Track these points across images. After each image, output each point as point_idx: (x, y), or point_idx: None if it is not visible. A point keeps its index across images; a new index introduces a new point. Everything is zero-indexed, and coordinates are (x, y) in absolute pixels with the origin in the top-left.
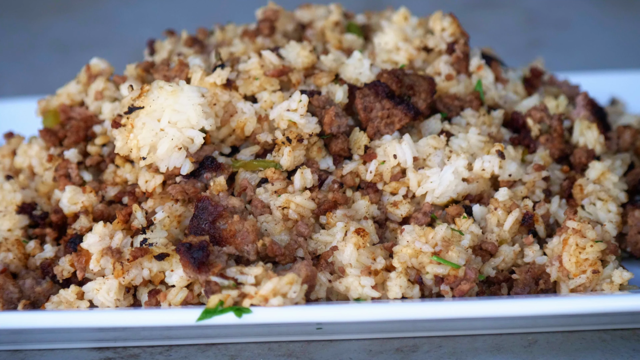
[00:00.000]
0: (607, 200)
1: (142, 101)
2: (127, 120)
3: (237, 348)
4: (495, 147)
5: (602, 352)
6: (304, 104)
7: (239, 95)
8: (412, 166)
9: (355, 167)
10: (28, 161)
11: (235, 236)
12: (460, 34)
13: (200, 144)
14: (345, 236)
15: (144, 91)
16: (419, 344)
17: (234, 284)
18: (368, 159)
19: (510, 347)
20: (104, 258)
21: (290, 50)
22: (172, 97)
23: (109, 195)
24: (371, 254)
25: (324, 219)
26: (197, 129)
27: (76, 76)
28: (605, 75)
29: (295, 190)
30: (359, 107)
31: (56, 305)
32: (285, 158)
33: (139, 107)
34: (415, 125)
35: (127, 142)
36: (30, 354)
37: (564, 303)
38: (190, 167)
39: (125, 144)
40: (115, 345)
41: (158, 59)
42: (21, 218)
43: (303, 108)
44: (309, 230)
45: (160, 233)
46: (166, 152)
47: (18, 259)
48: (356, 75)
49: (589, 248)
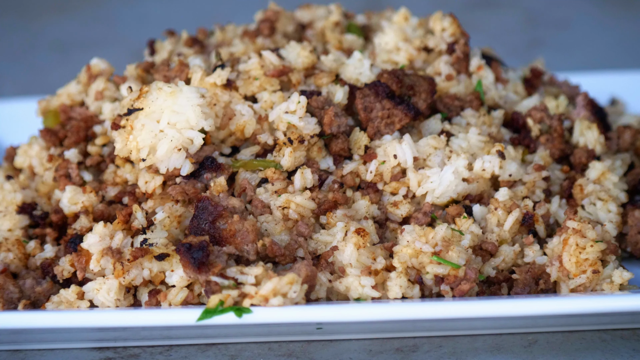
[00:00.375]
0: (607, 200)
1: (141, 102)
2: (126, 122)
3: (237, 348)
4: (496, 147)
5: (602, 352)
6: (302, 105)
7: (239, 95)
8: (412, 166)
9: (356, 167)
10: (28, 161)
11: (235, 236)
12: (461, 34)
13: (199, 144)
14: (345, 236)
15: (143, 92)
16: (419, 344)
17: (234, 284)
18: (368, 159)
19: (510, 347)
20: (104, 258)
21: (291, 50)
22: (171, 98)
23: (109, 195)
24: (371, 254)
25: (324, 219)
26: (196, 130)
27: (76, 76)
28: (605, 75)
29: (296, 190)
30: (359, 107)
31: (56, 305)
32: (286, 159)
33: (138, 109)
34: (415, 126)
35: (127, 143)
36: (30, 354)
37: (564, 303)
38: (190, 168)
39: (124, 146)
40: (115, 345)
41: (158, 59)
42: (21, 218)
43: (302, 109)
44: (309, 230)
45: (160, 233)
46: (166, 154)
47: (18, 259)
48: (356, 76)
49: (589, 248)
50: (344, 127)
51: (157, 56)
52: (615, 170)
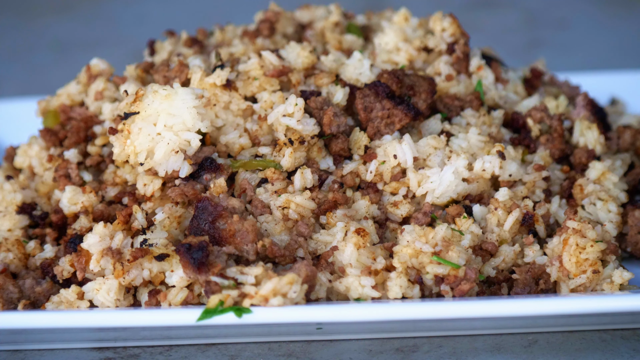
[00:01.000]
0: (607, 200)
1: (137, 106)
2: (123, 126)
3: (237, 348)
4: (496, 147)
5: (602, 352)
6: (300, 107)
7: (239, 95)
8: (413, 166)
9: (356, 167)
10: (28, 161)
11: (235, 236)
12: (460, 34)
13: (197, 146)
14: (345, 236)
15: (138, 96)
16: (419, 344)
17: (234, 284)
18: (368, 159)
19: (510, 347)
20: (104, 258)
21: (290, 51)
22: (167, 101)
23: (109, 195)
24: (371, 254)
25: (324, 219)
26: (193, 132)
27: (76, 76)
28: (605, 75)
29: (296, 190)
30: (359, 107)
31: (56, 305)
32: (287, 159)
33: (134, 113)
34: (415, 126)
35: (125, 148)
36: (30, 354)
37: (564, 303)
38: (189, 170)
39: (122, 150)
40: (115, 345)
41: (158, 60)
42: (21, 218)
43: (300, 112)
44: (309, 230)
45: (160, 234)
46: (163, 156)
47: (18, 259)
48: (356, 76)
49: (589, 248)
50: (343, 127)
51: (157, 56)
52: (615, 170)
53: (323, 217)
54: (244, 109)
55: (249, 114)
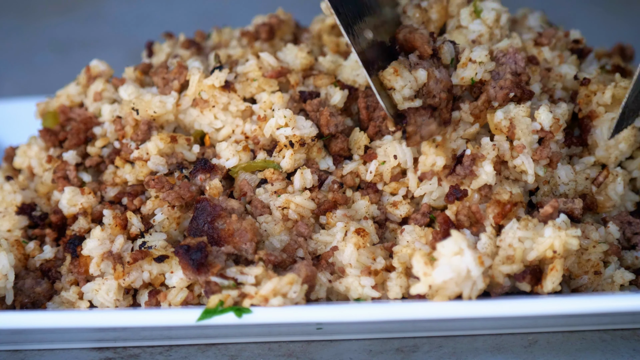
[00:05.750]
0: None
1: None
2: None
3: (237, 348)
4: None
5: (602, 352)
6: (289, 117)
7: (238, 96)
8: (412, 167)
9: (355, 167)
10: (27, 162)
11: (234, 235)
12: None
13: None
14: (345, 236)
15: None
16: (419, 344)
17: (234, 284)
18: (368, 159)
19: (510, 347)
20: (105, 262)
21: (288, 52)
22: None
23: (108, 196)
24: (371, 254)
25: (324, 219)
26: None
27: (76, 77)
28: None
29: (295, 191)
30: (361, 106)
31: (56, 305)
32: (286, 160)
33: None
34: None
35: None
36: (30, 354)
37: (564, 303)
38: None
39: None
40: (115, 345)
41: (156, 61)
42: (21, 219)
43: (292, 121)
44: (309, 230)
45: (159, 235)
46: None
47: (18, 259)
48: (353, 77)
49: (591, 249)
50: (341, 126)
51: (154, 58)
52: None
53: (323, 217)
54: (242, 110)
55: (248, 115)
